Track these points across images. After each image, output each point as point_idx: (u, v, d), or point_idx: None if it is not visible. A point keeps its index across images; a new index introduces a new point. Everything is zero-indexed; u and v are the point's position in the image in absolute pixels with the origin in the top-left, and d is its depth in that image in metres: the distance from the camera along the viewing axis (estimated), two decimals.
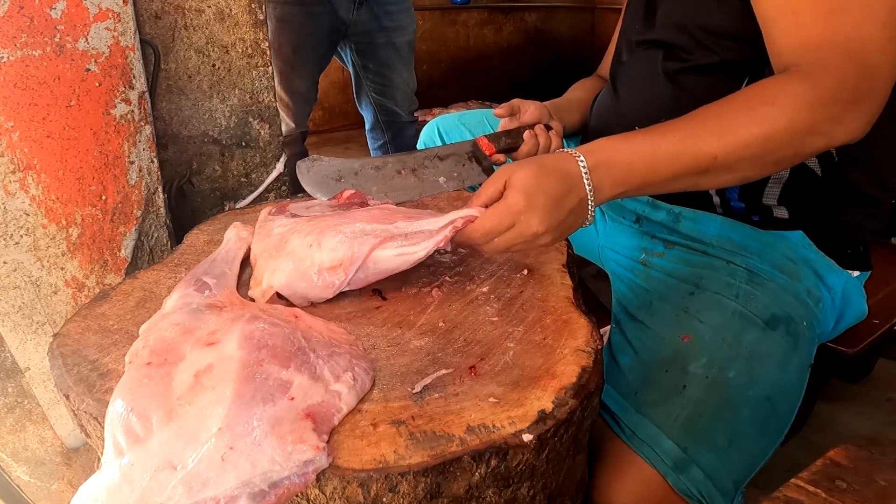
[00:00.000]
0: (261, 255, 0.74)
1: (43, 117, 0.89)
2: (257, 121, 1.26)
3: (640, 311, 0.86)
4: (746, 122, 0.64)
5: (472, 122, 1.22)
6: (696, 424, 0.71)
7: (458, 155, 0.97)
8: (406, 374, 0.59)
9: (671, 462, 0.69)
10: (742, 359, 0.74)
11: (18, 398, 1.11)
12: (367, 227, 0.69)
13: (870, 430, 1.36)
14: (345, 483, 0.49)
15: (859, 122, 0.66)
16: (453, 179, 0.95)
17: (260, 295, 0.70)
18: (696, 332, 0.78)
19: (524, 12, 4.09)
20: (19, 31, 0.85)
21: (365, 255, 0.67)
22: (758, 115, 0.64)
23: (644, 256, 0.94)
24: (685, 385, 0.73)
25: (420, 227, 0.68)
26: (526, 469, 0.53)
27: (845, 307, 0.88)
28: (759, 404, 0.73)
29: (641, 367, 0.79)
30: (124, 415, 0.51)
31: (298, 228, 0.73)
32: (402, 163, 0.95)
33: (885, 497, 0.43)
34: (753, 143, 0.64)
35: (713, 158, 0.65)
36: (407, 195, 0.93)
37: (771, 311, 0.78)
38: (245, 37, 1.19)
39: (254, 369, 0.53)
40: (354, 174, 0.93)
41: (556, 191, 0.64)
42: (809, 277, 0.83)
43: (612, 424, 0.75)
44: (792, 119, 0.63)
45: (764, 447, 0.74)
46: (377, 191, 0.92)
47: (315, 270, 0.68)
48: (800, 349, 0.78)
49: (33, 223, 0.94)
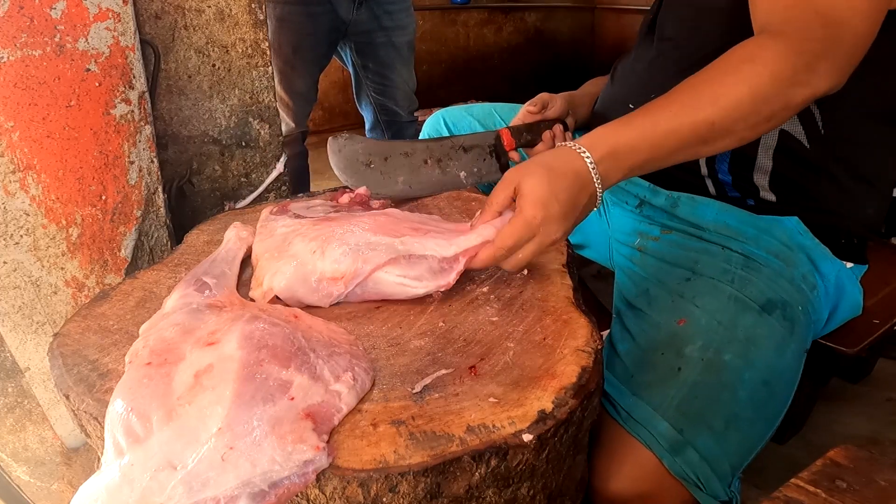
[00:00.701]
0: (263, 256, 0.74)
1: (43, 117, 0.89)
2: (257, 121, 1.26)
3: (638, 300, 0.87)
4: (733, 82, 0.67)
5: (480, 113, 1.23)
6: (691, 406, 0.71)
7: (481, 147, 0.99)
8: (406, 374, 0.59)
9: (667, 444, 0.69)
10: (738, 342, 0.75)
11: (18, 398, 1.11)
12: (373, 238, 0.69)
13: (870, 430, 1.36)
14: (345, 483, 0.49)
15: (834, 71, 0.68)
16: (472, 175, 0.98)
17: (261, 296, 0.70)
18: (691, 315, 0.78)
19: (524, 12, 4.09)
20: (19, 31, 0.85)
21: (367, 274, 0.67)
22: (742, 74, 0.67)
23: (639, 241, 0.94)
24: (680, 367, 0.74)
25: (426, 250, 0.68)
26: (526, 469, 0.53)
27: (839, 297, 0.88)
28: (755, 388, 0.73)
29: (638, 352, 0.79)
30: (124, 415, 0.51)
31: (302, 232, 0.73)
32: (429, 151, 0.96)
33: (885, 497, 0.43)
34: (745, 100, 0.66)
35: (711, 125, 0.67)
36: (429, 189, 0.96)
37: (767, 296, 0.78)
38: (245, 37, 1.19)
39: (254, 369, 0.53)
40: (384, 160, 0.94)
41: (569, 194, 0.66)
42: (804, 264, 0.84)
43: (609, 408, 0.75)
44: (773, 71, 0.66)
45: (761, 431, 0.74)
46: (403, 181, 0.93)
47: (315, 278, 0.69)
48: (796, 334, 0.78)
49: (33, 223, 0.94)
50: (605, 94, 1.07)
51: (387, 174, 0.92)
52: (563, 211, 0.65)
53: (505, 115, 1.22)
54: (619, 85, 1.02)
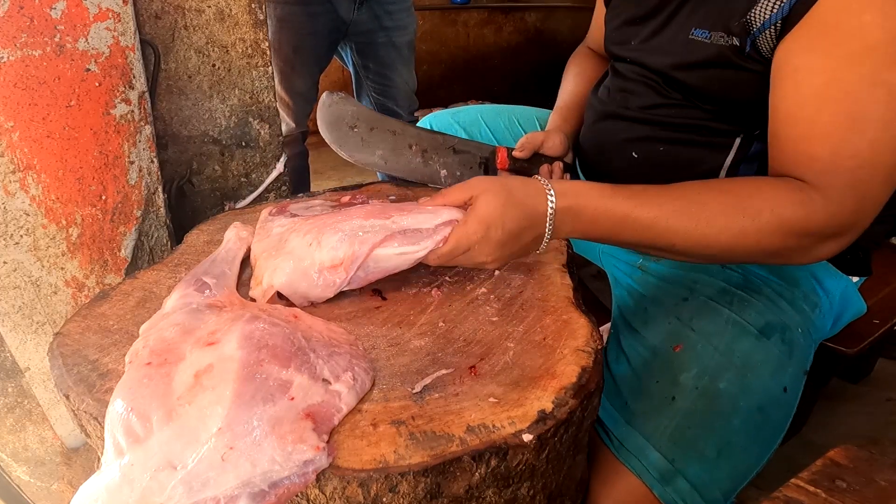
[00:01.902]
0: (261, 256, 0.74)
1: (43, 117, 0.89)
2: (257, 121, 1.26)
3: (635, 318, 0.86)
4: (721, 227, 0.64)
5: (465, 119, 1.21)
6: (684, 435, 0.71)
7: (472, 155, 0.96)
8: (406, 374, 0.59)
9: (657, 474, 0.69)
10: (734, 368, 0.74)
11: (18, 398, 1.11)
12: (366, 223, 0.69)
13: (870, 430, 1.36)
14: (345, 483, 0.49)
15: (826, 253, 0.67)
16: (453, 177, 0.95)
17: (260, 294, 0.70)
18: (688, 341, 0.77)
19: (524, 12, 4.09)
20: (19, 31, 0.85)
21: (366, 254, 0.67)
22: (734, 226, 0.64)
23: (641, 261, 0.94)
24: (675, 396, 0.73)
25: (417, 224, 0.68)
26: (526, 469, 0.53)
27: (844, 309, 0.87)
28: (750, 414, 0.72)
29: (633, 378, 0.78)
30: (124, 415, 0.51)
31: (297, 228, 0.73)
32: (418, 138, 0.94)
33: (885, 497, 0.43)
34: (714, 246, 0.65)
35: (671, 245, 0.66)
36: (403, 172, 0.93)
37: (765, 319, 0.77)
38: (245, 37, 1.19)
39: (254, 369, 0.53)
40: (370, 129, 0.92)
41: (516, 227, 0.65)
42: (807, 282, 0.83)
43: (603, 436, 0.75)
44: (761, 242, 0.64)
45: (756, 456, 0.74)
46: (380, 156, 0.91)
47: (315, 269, 0.68)
48: (794, 357, 0.77)
49: (33, 223, 0.94)
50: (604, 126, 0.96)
51: (367, 143, 0.90)
52: (503, 240, 0.65)
53: (491, 120, 1.21)
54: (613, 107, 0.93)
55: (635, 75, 0.88)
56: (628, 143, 0.89)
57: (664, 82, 0.83)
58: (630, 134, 0.89)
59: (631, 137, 0.89)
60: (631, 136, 0.89)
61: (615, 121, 0.92)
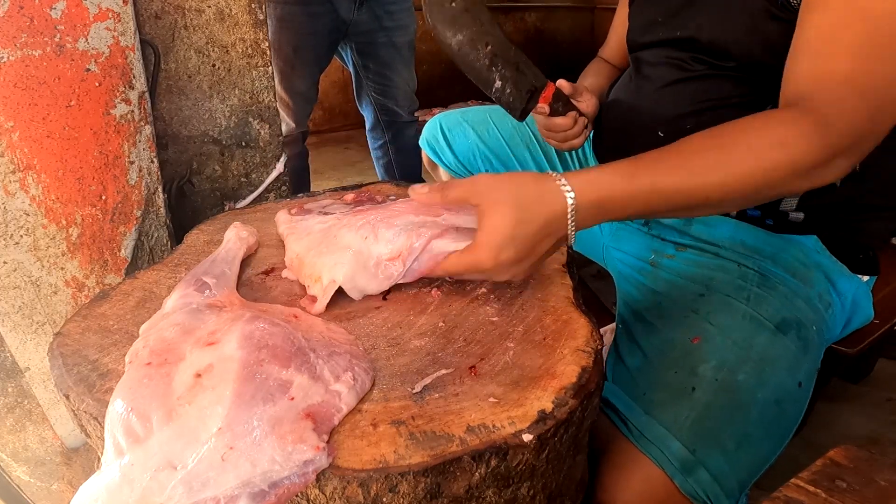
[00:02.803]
0: (307, 254, 0.74)
1: (43, 117, 0.89)
2: (257, 121, 1.26)
3: (648, 312, 0.86)
4: (751, 165, 0.63)
5: (475, 119, 1.22)
6: (704, 426, 0.71)
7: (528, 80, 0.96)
8: (406, 374, 0.59)
9: (678, 463, 0.69)
10: (752, 361, 0.74)
11: (18, 398, 1.11)
12: (416, 219, 0.70)
13: (870, 430, 1.36)
14: (345, 483, 0.49)
15: (850, 166, 0.66)
16: (500, 93, 0.95)
17: (321, 291, 0.70)
18: (706, 333, 0.77)
19: (524, 12, 4.09)
20: (19, 31, 0.85)
21: (423, 246, 0.67)
22: (764, 159, 0.63)
23: (654, 258, 0.93)
24: (694, 387, 0.73)
25: (468, 223, 0.69)
26: (526, 469, 0.53)
27: (854, 313, 0.88)
28: (767, 407, 0.73)
29: (650, 369, 0.78)
30: (124, 415, 0.51)
31: (346, 223, 0.74)
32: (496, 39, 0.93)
33: (885, 497, 0.43)
34: (749, 184, 0.63)
35: (706, 198, 0.64)
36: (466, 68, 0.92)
37: (782, 315, 0.78)
38: (245, 37, 1.19)
39: (254, 369, 0.53)
40: (464, 10, 0.89)
41: (531, 242, 0.62)
42: (821, 282, 0.83)
43: (620, 425, 0.75)
44: (795, 162, 0.63)
45: (770, 449, 0.74)
46: (457, 41, 0.90)
47: (373, 262, 0.69)
48: (809, 354, 0.78)
49: (33, 223, 0.94)
50: (626, 107, 1.00)
51: (455, 22, 0.89)
52: (518, 257, 0.62)
53: (499, 120, 1.21)
54: (644, 100, 0.95)
55: (658, 59, 0.91)
56: (653, 123, 0.90)
57: (693, 53, 0.85)
58: (655, 112, 0.90)
59: (656, 116, 0.90)
60: (656, 114, 0.90)
61: (639, 101, 0.94)
